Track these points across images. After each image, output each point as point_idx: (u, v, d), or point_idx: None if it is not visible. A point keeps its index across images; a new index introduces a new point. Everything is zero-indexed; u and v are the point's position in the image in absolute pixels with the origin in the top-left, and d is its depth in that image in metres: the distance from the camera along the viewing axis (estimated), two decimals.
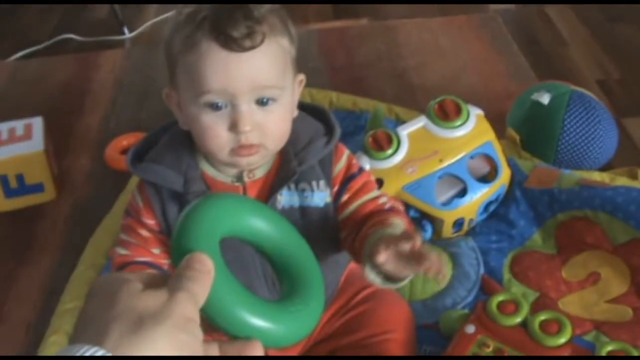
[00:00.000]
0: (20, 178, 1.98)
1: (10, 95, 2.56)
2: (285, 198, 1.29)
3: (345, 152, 1.35)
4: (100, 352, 0.68)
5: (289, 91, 1.24)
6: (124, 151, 2.11)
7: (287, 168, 1.28)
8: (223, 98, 1.18)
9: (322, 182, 1.30)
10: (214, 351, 0.79)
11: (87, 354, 0.68)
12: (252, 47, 1.15)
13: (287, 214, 1.27)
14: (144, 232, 1.31)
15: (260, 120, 1.19)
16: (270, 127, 1.21)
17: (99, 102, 2.48)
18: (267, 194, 1.28)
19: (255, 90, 1.18)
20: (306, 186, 1.29)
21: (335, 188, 1.32)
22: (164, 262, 1.32)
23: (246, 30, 1.14)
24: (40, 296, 1.76)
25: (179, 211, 1.21)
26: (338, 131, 1.33)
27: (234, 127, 1.18)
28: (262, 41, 1.15)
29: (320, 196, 1.30)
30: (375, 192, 1.34)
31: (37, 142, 2.01)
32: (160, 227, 1.31)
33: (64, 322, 1.58)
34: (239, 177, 1.29)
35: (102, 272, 1.70)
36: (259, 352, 0.81)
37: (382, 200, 1.33)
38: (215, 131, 1.20)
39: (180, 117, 1.27)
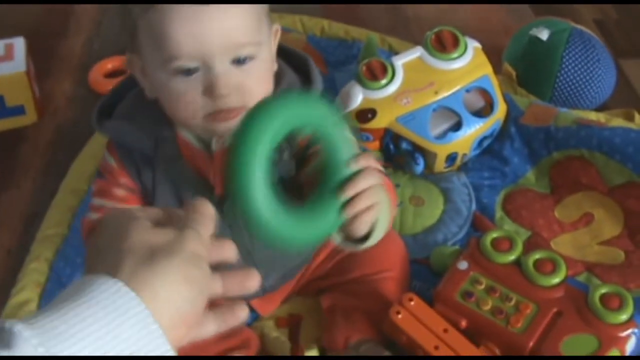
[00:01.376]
0: (0, 100, 1.93)
1: None
2: None
3: None
4: (119, 284, 0.72)
5: (267, 45, 1.15)
6: (109, 74, 2.06)
7: None
8: (195, 61, 1.08)
9: (286, 153, 1.17)
10: (218, 284, 0.81)
11: (104, 285, 0.71)
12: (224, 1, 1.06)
13: None
14: (121, 192, 1.23)
15: (238, 81, 1.10)
16: (251, 87, 1.11)
17: (83, 23, 2.40)
18: None
19: (231, 49, 1.08)
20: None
21: (301, 151, 1.20)
22: None
23: None
24: (21, 221, 1.72)
25: (153, 176, 1.19)
26: (317, 85, 1.22)
27: (209, 91, 1.09)
28: None
29: (284, 169, 1.17)
30: None
31: (18, 63, 1.95)
32: (137, 187, 1.23)
33: (45, 248, 1.56)
34: (208, 146, 1.19)
35: (84, 198, 1.66)
36: (256, 281, 0.84)
37: None
38: (188, 97, 1.10)
39: (145, 85, 1.17)
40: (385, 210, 1.08)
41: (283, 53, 1.23)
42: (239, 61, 1.09)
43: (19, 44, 2.01)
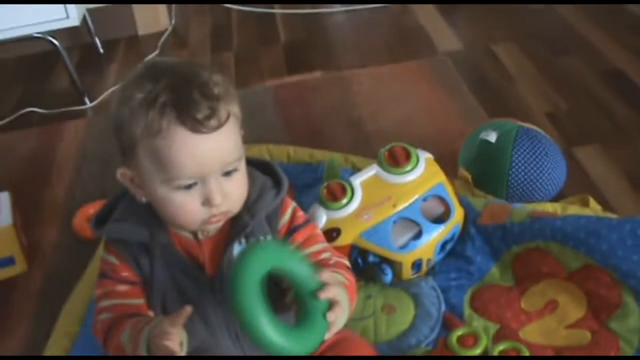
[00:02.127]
0: None
1: None
2: (237, 252, 1.35)
3: (291, 205, 1.42)
4: None
5: (243, 153, 1.31)
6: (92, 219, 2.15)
7: (239, 222, 1.34)
8: (194, 179, 1.24)
9: (269, 237, 1.37)
10: None
11: None
12: (220, 126, 1.21)
13: None
14: (123, 287, 1.37)
15: (227, 190, 1.27)
16: (236, 193, 1.29)
17: (64, 172, 2.53)
18: (222, 248, 1.35)
19: (223, 166, 1.25)
20: (254, 241, 1.35)
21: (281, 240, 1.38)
22: (149, 313, 1.37)
23: (209, 110, 1.20)
24: None
25: (150, 263, 1.33)
26: (285, 183, 1.40)
27: (207, 202, 1.26)
28: (227, 118, 1.22)
29: None
30: (320, 245, 1.41)
31: (5, 217, 2.05)
32: (138, 278, 1.37)
33: None
34: (195, 234, 1.35)
35: (76, 340, 1.74)
36: None
37: (325, 255, 1.40)
38: (189, 207, 1.27)
39: (137, 192, 1.32)
40: (345, 308, 1.26)
41: (247, 162, 1.37)
42: (227, 173, 1.26)
43: (4, 198, 2.11)
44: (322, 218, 1.75)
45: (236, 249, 1.35)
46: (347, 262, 1.42)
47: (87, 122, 2.84)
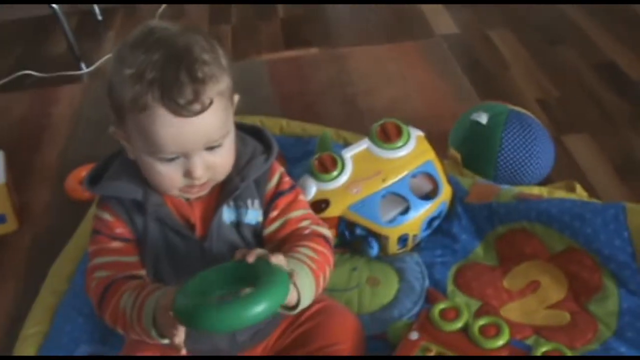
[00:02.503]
0: None
1: None
2: (226, 214, 1.39)
3: (279, 170, 1.45)
4: None
5: (232, 125, 1.33)
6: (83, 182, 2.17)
7: (229, 185, 1.37)
8: (176, 154, 1.27)
9: (256, 202, 1.40)
10: None
11: None
12: (202, 111, 1.23)
13: (228, 230, 1.39)
14: (117, 244, 1.39)
15: (210, 163, 1.30)
16: (219, 164, 1.32)
17: (58, 135, 2.55)
18: (212, 210, 1.38)
19: (205, 144, 1.27)
20: (242, 204, 1.39)
21: (265, 205, 1.42)
22: (143, 272, 1.40)
23: (193, 95, 1.21)
24: (5, 323, 1.82)
25: (144, 220, 1.36)
26: (275, 148, 1.42)
27: (187, 174, 1.29)
28: (210, 102, 1.23)
29: (253, 214, 1.40)
30: (300, 212, 1.44)
31: None
32: (132, 235, 1.39)
33: (27, 346, 1.65)
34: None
35: (63, 298, 1.76)
36: None
37: (304, 223, 1.43)
38: (169, 177, 1.30)
39: (128, 149, 1.33)
40: (306, 285, 1.29)
41: (239, 127, 1.40)
42: (211, 148, 1.28)
43: None
44: (312, 189, 1.77)
45: (225, 210, 1.38)
46: (324, 231, 1.44)
47: (82, 88, 2.85)
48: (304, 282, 1.29)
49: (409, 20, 3.16)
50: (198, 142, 1.26)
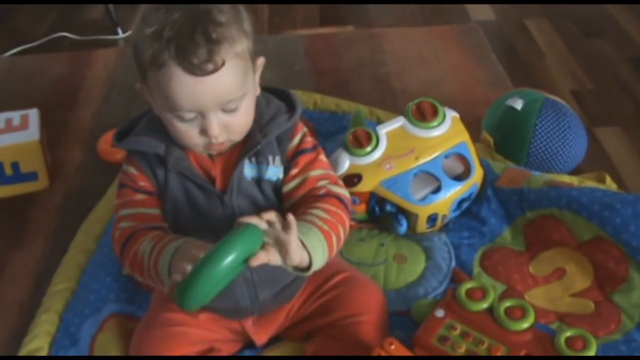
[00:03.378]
0: (15, 166, 2.06)
1: (5, 89, 2.64)
2: (247, 170, 1.41)
3: (302, 130, 1.47)
4: None
5: (251, 88, 1.36)
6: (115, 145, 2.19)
7: (251, 141, 1.39)
8: (192, 113, 1.30)
9: (277, 158, 1.43)
10: None
11: None
12: (215, 70, 1.25)
13: (248, 185, 1.41)
14: (141, 196, 1.43)
15: (226, 122, 1.32)
16: (236, 125, 1.34)
17: (92, 98, 2.57)
18: (233, 164, 1.40)
19: (221, 104, 1.30)
20: (263, 160, 1.42)
21: (286, 162, 1.44)
22: (165, 224, 1.43)
23: (207, 55, 1.24)
24: (33, 278, 1.84)
25: (165, 173, 1.40)
26: (299, 108, 1.45)
27: (204, 133, 1.32)
28: (223, 63, 1.26)
29: (274, 170, 1.43)
30: (319, 171, 1.45)
31: (33, 132, 2.09)
32: (154, 188, 1.43)
33: (55, 301, 1.67)
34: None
35: (92, 257, 1.78)
36: None
37: (321, 183, 1.44)
38: (188, 135, 1.33)
39: (152, 105, 1.37)
40: (317, 247, 1.32)
41: (265, 89, 1.45)
42: (227, 110, 1.31)
43: (34, 115, 2.16)
44: (345, 163, 1.78)
45: (246, 166, 1.41)
46: (340, 191, 1.45)
47: (117, 52, 2.87)
48: (314, 243, 1.31)
49: (447, 6, 3.15)
50: (212, 101, 1.28)
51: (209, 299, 1.23)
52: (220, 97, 1.28)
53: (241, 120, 1.35)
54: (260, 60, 1.38)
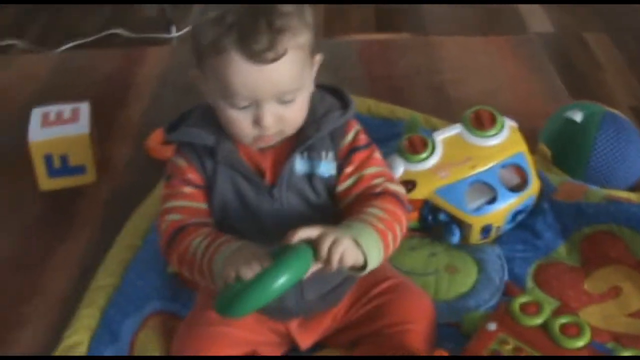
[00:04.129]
0: (64, 158, 2.05)
1: (57, 83, 2.64)
2: (298, 164, 1.38)
3: (355, 127, 1.44)
4: None
5: (308, 82, 1.34)
6: (164, 142, 2.17)
7: (303, 135, 1.36)
8: (247, 101, 1.28)
9: (330, 154, 1.39)
10: None
11: None
12: (275, 60, 1.23)
13: (299, 180, 1.38)
14: (189, 189, 1.40)
15: (280, 114, 1.30)
16: (290, 117, 1.32)
17: (142, 95, 2.56)
18: (284, 158, 1.37)
19: (277, 95, 1.28)
20: (316, 155, 1.38)
21: (340, 159, 1.40)
22: (211, 220, 1.41)
23: (268, 43, 1.22)
24: (76, 271, 1.82)
25: (214, 166, 1.38)
26: (352, 105, 1.42)
27: (257, 123, 1.29)
28: (284, 53, 1.24)
29: (326, 167, 1.39)
30: (374, 168, 1.42)
31: (83, 125, 2.08)
32: (202, 181, 1.40)
33: (97, 296, 1.65)
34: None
35: (137, 253, 1.76)
36: None
37: (377, 181, 1.40)
38: (240, 124, 1.31)
39: (205, 92, 1.35)
40: (372, 246, 1.27)
41: (321, 86, 1.42)
42: (283, 101, 1.29)
43: (84, 108, 2.15)
44: (400, 169, 1.75)
45: (298, 160, 1.38)
46: (397, 188, 1.42)
47: (170, 51, 2.87)
48: (369, 242, 1.27)
49: (505, 16, 3.11)
50: (269, 90, 1.27)
51: (248, 313, 1.22)
52: (277, 87, 1.27)
53: (295, 114, 1.33)
54: (318, 57, 1.36)
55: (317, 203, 1.40)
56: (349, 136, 1.42)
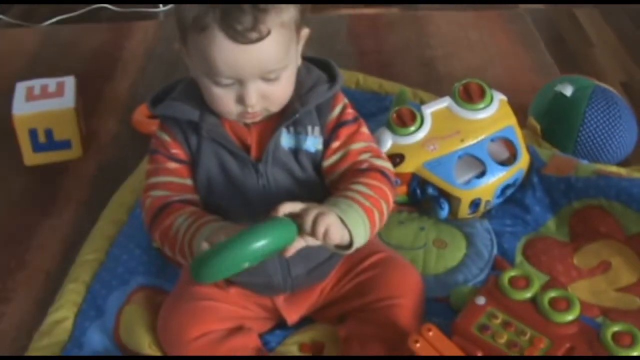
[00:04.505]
0: (49, 133, 2.03)
1: (43, 57, 2.62)
2: (284, 139, 1.37)
3: (343, 101, 1.42)
4: None
5: (293, 59, 1.31)
6: (152, 116, 2.14)
7: (289, 109, 1.34)
8: (231, 79, 1.25)
9: (317, 128, 1.38)
10: None
11: None
12: (259, 39, 1.21)
13: (285, 155, 1.36)
14: (173, 164, 1.39)
15: (264, 92, 1.28)
16: (275, 95, 1.30)
17: (129, 69, 2.54)
18: (270, 133, 1.35)
19: (261, 73, 1.26)
20: (302, 130, 1.37)
21: (326, 134, 1.38)
22: (197, 196, 1.40)
23: (252, 22, 1.19)
24: (61, 247, 1.81)
25: (198, 141, 1.36)
26: (340, 79, 1.39)
27: (240, 100, 1.27)
28: (268, 33, 1.21)
29: (312, 141, 1.38)
30: (361, 144, 1.40)
31: (68, 100, 2.05)
32: (187, 156, 1.38)
33: (83, 271, 1.64)
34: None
35: (122, 228, 1.75)
36: None
37: (364, 156, 1.39)
38: (223, 102, 1.29)
39: (190, 67, 1.33)
40: (358, 224, 1.26)
41: (307, 59, 1.40)
42: (267, 79, 1.27)
43: (70, 82, 2.12)
44: (388, 142, 1.73)
45: (284, 135, 1.37)
46: (384, 164, 1.40)
47: (157, 25, 2.84)
48: (355, 220, 1.26)
49: None
50: (253, 70, 1.24)
51: (223, 277, 1.20)
52: (261, 66, 1.24)
53: (280, 91, 1.31)
54: (305, 32, 1.33)
55: (303, 179, 1.38)
56: (336, 110, 1.40)
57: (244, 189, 1.37)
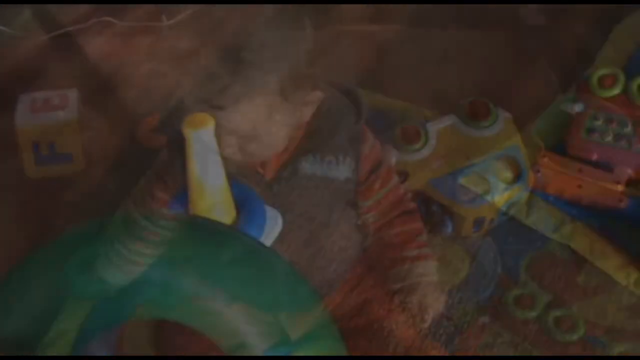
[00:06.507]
0: (51, 146, 2.03)
1: (47, 70, 2.59)
2: (309, 166, 1.36)
3: (371, 136, 1.43)
4: None
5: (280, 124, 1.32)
6: (156, 130, 2.15)
7: (315, 139, 1.35)
8: None
9: (348, 158, 1.37)
10: None
11: None
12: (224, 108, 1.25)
13: (306, 180, 1.36)
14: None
15: (243, 148, 1.31)
16: (255, 153, 1.34)
17: (133, 84, 2.52)
18: (286, 161, 1.36)
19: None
20: (332, 158, 1.36)
21: (365, 170, 1.40)
22: None
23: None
24: None
25: None
26: (365, 109, 1.42)
27: None
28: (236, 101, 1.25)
29: (343, 169, 1.37)
30: (394, 181, 1.45)
31: (70, 112, 2.06)
32: None
33: None
34: None
35: None
36: None
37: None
38: None
39: None
40: None
41: (334, 85, 1.43)
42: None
43: (73, 94, 2.13)
44: (392, 159, 1.73)
45: (309, 163, 1.37)
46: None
47: (161, 40, 2.83)
48: None
49: (497, 8, 3.08)
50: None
51: None
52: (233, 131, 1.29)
53: (262, 149, 1.33)
54: (315, 95, 1.35)
55: (324, 205, 1.40)
56: (369, 144, 1.43)
57: None
